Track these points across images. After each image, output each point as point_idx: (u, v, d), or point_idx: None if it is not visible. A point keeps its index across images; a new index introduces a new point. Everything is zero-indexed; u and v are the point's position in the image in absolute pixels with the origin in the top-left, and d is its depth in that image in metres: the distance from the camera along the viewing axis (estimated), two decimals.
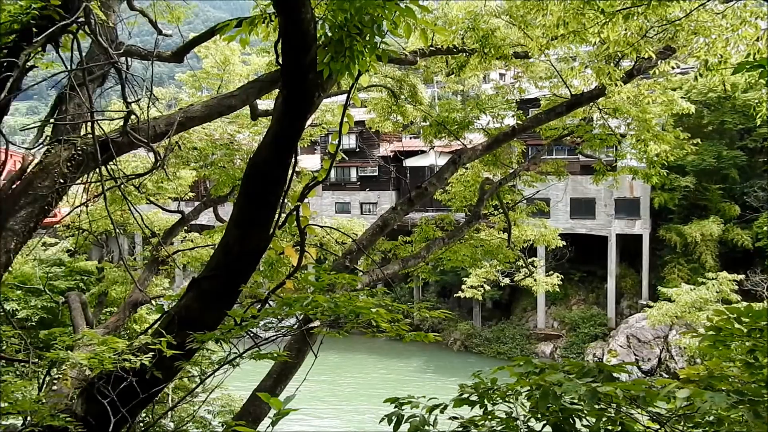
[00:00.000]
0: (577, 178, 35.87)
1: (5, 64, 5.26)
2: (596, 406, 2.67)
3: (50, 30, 5.32)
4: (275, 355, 4.42)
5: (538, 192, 16.62)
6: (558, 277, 21.65)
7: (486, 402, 3.25)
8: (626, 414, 2.77)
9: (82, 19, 5.57)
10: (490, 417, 3.20)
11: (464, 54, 11.07)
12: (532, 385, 2.98)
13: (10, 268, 6.28)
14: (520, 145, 16.59)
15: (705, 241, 35.17)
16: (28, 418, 4.44)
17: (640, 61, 10.82)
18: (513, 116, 14.04)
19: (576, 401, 2.80)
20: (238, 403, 13.81)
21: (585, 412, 2.74)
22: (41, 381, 5.54)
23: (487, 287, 22.35)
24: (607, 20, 7.88)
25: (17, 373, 6.94)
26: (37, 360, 5.43)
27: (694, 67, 10.11)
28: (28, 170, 5.84)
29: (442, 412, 3.21)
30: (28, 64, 5.41)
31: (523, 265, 18.08)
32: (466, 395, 3.28)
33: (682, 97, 13.88)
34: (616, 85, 10.08)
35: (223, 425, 12.63)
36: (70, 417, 4.32)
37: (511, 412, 3.21)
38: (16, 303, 14.41)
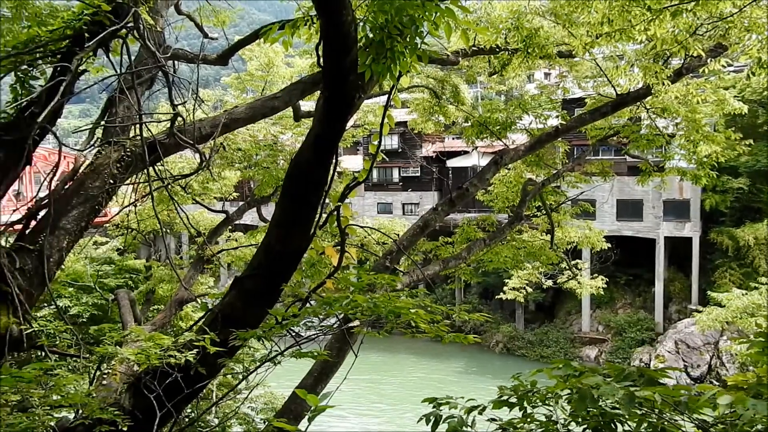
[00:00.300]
0: (623, 179, 35.08)
1: (59, 68, 5.45)
2: (637, 411, 2.62)
3: (101, 35, 5.50)
4: (316, 353, 4.46)
5: (582, 193, 16.36)
6: (603, 280, 21.23)
7: (525, 404, 3.22)
8: (669, 420, 2.70)
9: (131, 24, 5.74)
10: (529, 420, 3.17)
11: (507, 53, 10.97)
12: (572, 388, 2.94)
13: (62, 266, 6.50)
14: (564, 145, 16.35)
15: (758, 245, 34.01)
16: (80, 411, 4.58)
17: (690, 60, 10.54)
18: (557, 116, 13.85)
19: (616, 406, 2.75)
20: (279, 400, 13.99)
21: (626, 416, 2.69)
22: (91, 375, 5.71)
23: (530, 289, 22.05)
24: (654, 17, 7.70)
25: (69, 367, 7.17)
26: (87, 355, 5.60)
27: (748, 65, 9.79)
28: (80, 171, 6.04)
29: (480, 413, 3.20)
30: (80, 68, 5.59)
31: (567, 267, 17.80)
32: (505, 397, 3.25)
33: (735, 97, 13.44)
34: (664, 84, 9.85)
35: (265, 422, 12.81)
36: (119, 411, 4.44)
37: (551, 415, 3.17)
38: (69, 300, 14.88)
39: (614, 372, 3.01)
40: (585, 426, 2.89)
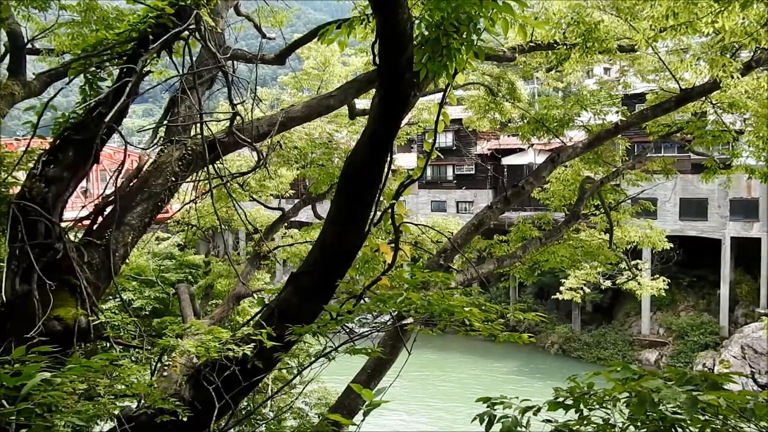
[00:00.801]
0: (687, 177, 33.86)
1: (125, 70, 5.66)
2: (700, 416, 2.53)
3: (165, 37, 5.67)
4: (369, 350, 4.49)
5: (643, 191, 15.90)
6: (665, 281, 20.56)
7: (582, 406, 3.16)
8: (734, 427, 2.60)
9: (193, 26, 5.90)
10: (585, 422, 3.11)
11: (565, 48, 10.76)
12: (630, 391, 2.87)
13: (127, 260, 6.74)
14: (624, 142, 15.92)
15: None
16: (142, 401, 4.75)
17: (760, 52, 10.09)
18: (617, 112, 13.50)
19: (678, 410, 2.67)
20: (333, 396, 14.13)
21: (688, 421, 2.60)
22: (153, 366, 5.90)
23: (587, 290, 21.60)
24: (722, 9, 7.40)
25: (132, 358, 7.43)
26: (150, 347, 5.79)
27: None
28: (144, 169, 6.25)
29: (535, 414, 3.15)
30: (145, 69, 5.79)
31: (626, 267, 17.35)
32: (561, 399, 3.20)
33: None
34: (732, 77, 9.45)
35: (319, 417, 12.98)
36: (179, 401, 4.58)
37: (609, 419, 3.10)
38: (132, 293, 15.44)
39: (675, 376, 2.91)
40: (644, 430, 2.81)
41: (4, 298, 4.93)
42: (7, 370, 2.69)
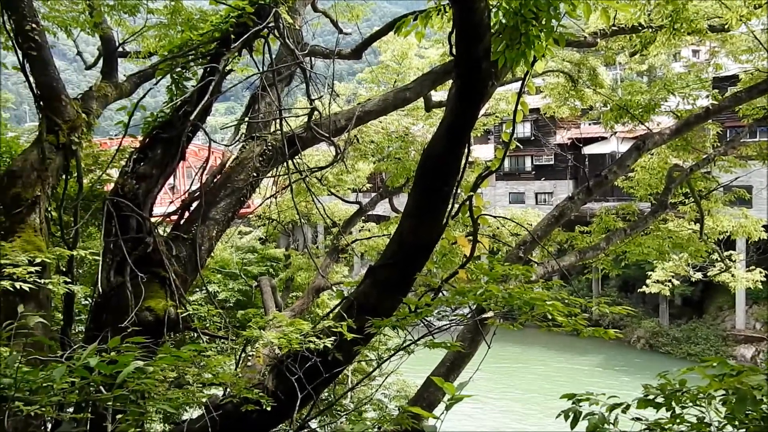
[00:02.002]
0: None
1: (208, 69, 5.85)
2: None
3: (245, 36, 5.82)
4: (449, 344, 4.46)
5: (737, 178, 15.03)
6: (761, 272, 19.40)
7: (674, 404, 3.01)
8: None
9: (272, 24, 6.02)
10: (678, 421, 2.96)
11: (650, 31, 10.28)
12: (728, 389, 2.70)
13: (212, 254, 6.99)
14: (715, 127, 15.08)
15: None
16: (228, 390, 4.91)
17: None
18: (707, 96, 12.80)
19: None
20: (412, 389, 14.17)
21: None
22: (237, 357, 6.09)
23: (676, 282, 20.66)
24: None
25: (218, 349, 7.70)
26: (234, 338, 5.97)
27: None
28: (227, 165, 6.45)
29: (624, 412, 3.03)
30: (227, 68, 5.96)
31: (719, 258, 16.48)
32: (651, 396, 3.06)
33: None
34: None
35: (398, 409, 13.05)
36: (262, 391, 4.71)
37: (703, 417, 2.94)
38: (217, 285, 16.01)
39: None
40: (743, 430, 2.65)
41: (101, 290, 5.21)
42: (104, 359, 2.84)
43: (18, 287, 4.33)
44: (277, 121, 6.45)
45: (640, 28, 10.33)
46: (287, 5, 6.39)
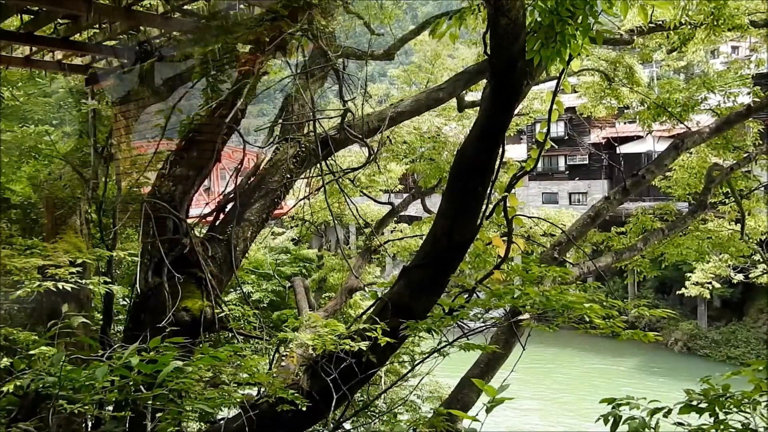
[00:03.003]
0: None
1: (243, 72, 5.91)
2: None
3: (279, 38, 5.86)
4: (483, 346, 4.42)
5: None
6: None
7: (717, 410, 2.93)
8: None
9: (305, 27, 6.05)
10: (722, 426, 2.88)
11: (689, 27, 10.05)
12: None
13: (246, 255, 7.05)
14: (756, 125, 14.67)
15: None
16: (263, 389, 4.95)
17: None
18: (748, 93, 12.46)
19: None
20: (445, 390, 14.09)
21: None
22: (272, 357, 6.13)
23: (716, 284, 20.20)
24: None
25: (253, 348, 7.78)
26: (269, 338, 6.01)
27: None
28: (261, 167, 6.51)
29: (665, 416, 2.97)
30: (261, 70, 6.01)
31: (761, 260, 16.05)
32: (694, 402, 2.99)
33: None
34: None
35: (432, 411, 12.99)
36: (297, 391, 4.73)
37: (748, 423, 2.86)
38: (251, 286, 16.19)
39: None
40: None
41: (139, 290, 5.30)
42: (144, 358, 2.89)
43: (60, 287, 4.43)
44: (311, 122, 6.48)
45: (679, 24, 10.11)
46: (320, 7, 6.41)
